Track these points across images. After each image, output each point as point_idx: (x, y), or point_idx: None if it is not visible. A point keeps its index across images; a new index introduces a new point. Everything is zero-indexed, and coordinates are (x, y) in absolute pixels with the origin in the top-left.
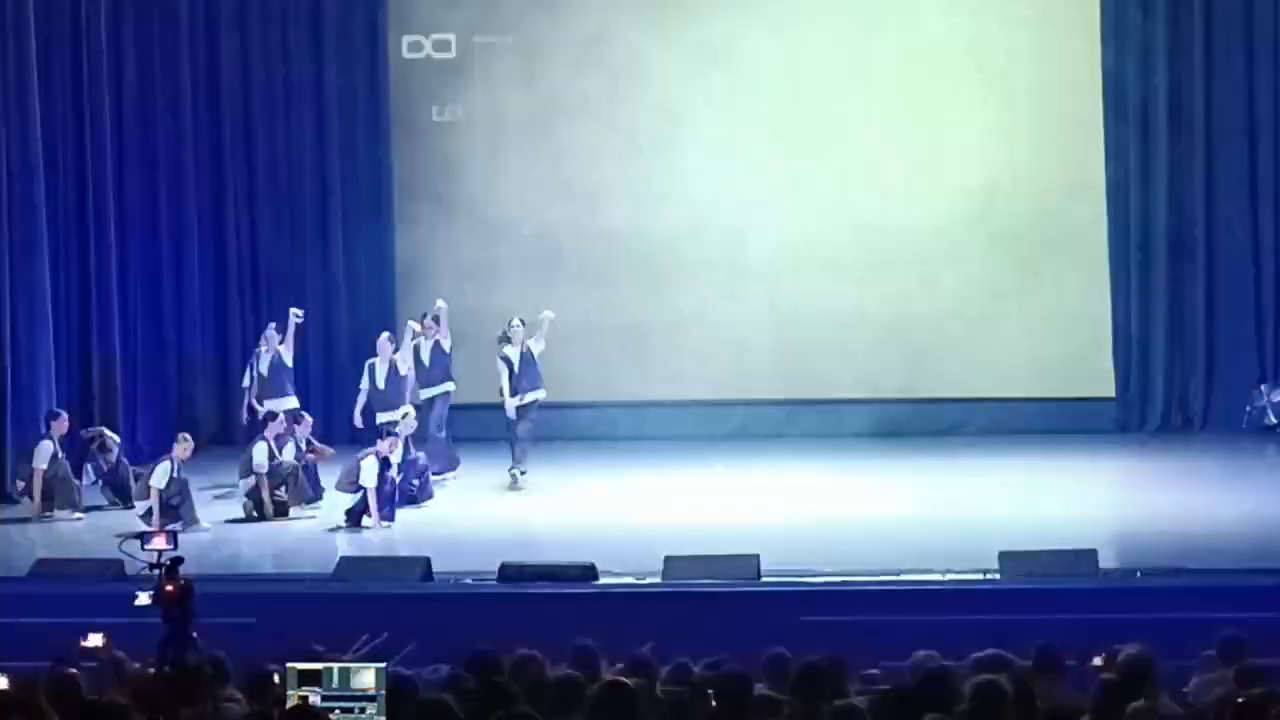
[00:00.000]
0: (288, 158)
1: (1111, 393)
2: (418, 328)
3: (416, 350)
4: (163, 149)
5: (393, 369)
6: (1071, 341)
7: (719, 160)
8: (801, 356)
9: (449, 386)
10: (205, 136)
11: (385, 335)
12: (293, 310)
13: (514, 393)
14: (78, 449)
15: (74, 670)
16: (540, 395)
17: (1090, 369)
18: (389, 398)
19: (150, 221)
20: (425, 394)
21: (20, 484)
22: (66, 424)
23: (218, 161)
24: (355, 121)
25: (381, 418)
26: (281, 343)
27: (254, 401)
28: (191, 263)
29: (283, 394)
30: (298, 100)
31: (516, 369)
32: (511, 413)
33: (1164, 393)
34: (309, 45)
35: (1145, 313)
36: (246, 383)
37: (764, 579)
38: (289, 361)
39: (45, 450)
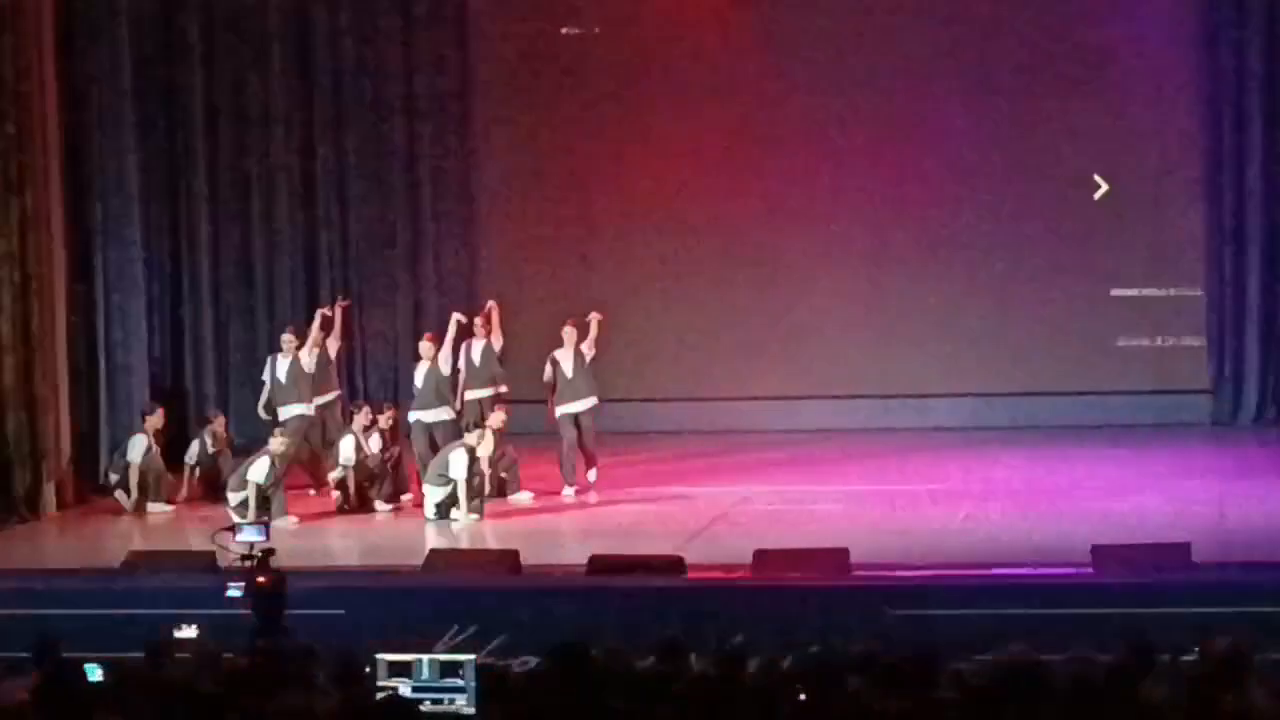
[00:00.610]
0: (377, 158)
1: (1205, 385)
2: (463, 319)
3: (468, 350)
4: (254, 151)
5: (432, 368)
6: (1165, 334)
7: (806, 154)
8: (891, 351)
9: (499, 389)
10: (296, 134)
11: (427, 335)
12: (337, 302)
13: (561, 401)
14: (187, 429)
15: (167, 661)
16: (590, 404)
17: (1184, 361)
18: (426, 397)
19: (243, 220)
20: (471, 396)
21: (114, 477)
22: (161, 418)
23: (309, 161)
24: (444, 121)
25: (413, 415)
26: (299, 347)
27: (261, 410)
28: (284, 262)
29: (298, 400)
30: (387, 100)
31: (569, 375)
32: (553, 418)
33: (1258, 385)
34: (398, 45)
35: (1239, 305)
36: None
37: (854, 573)
38: (309, 367)
39: (139, 444)
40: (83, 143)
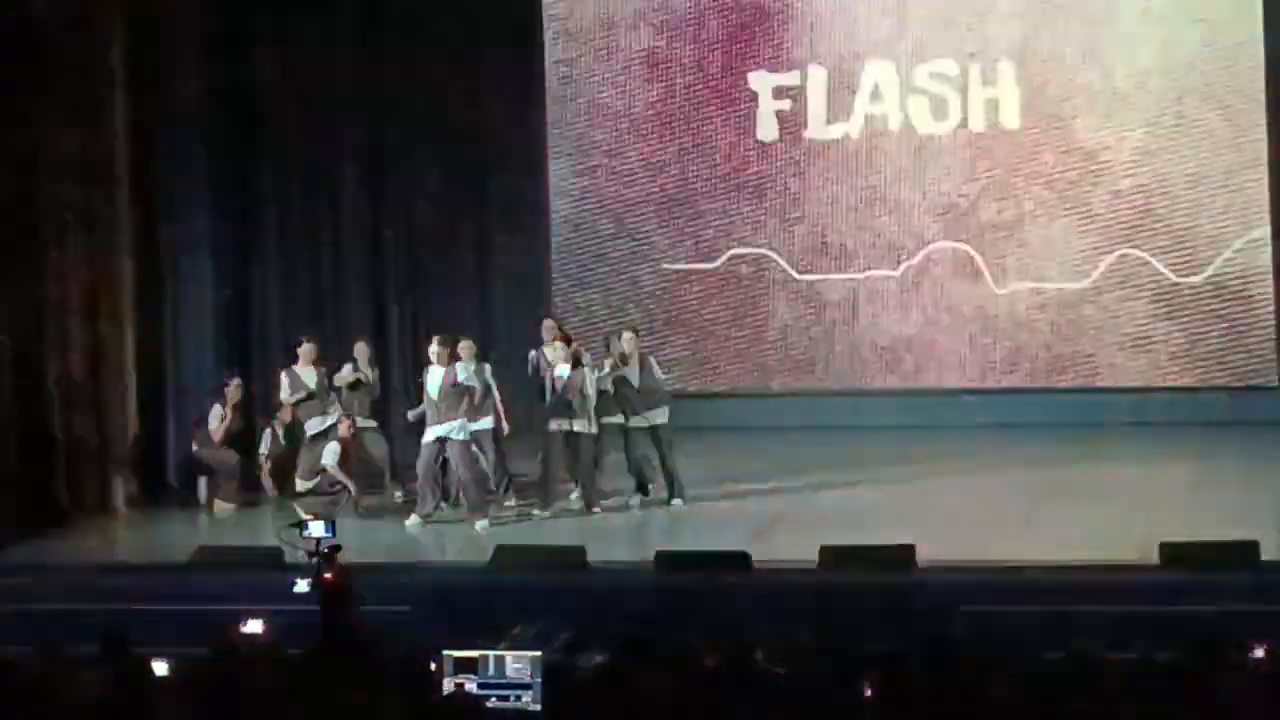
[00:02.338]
0: (444, 163)
1: (1274, 382)
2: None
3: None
4: (324, 157)
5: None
6: (1232, 331)
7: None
8: (959, 346)
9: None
10: (364, 137)
11: (439, 340)
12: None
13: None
14: (254, 430)
15: (233, 656)
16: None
17: (1251, 359)
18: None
19: (312, 232)
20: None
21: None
22: (239, 389)
23: (377, 162)
24: (510, 130)
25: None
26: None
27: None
28: (350, 272)
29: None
30: (455, 106)
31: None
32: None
33: None
34: (465, 51)
35: None
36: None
37: (920, 570)
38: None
39: (215, 414)
40: (153, 147)
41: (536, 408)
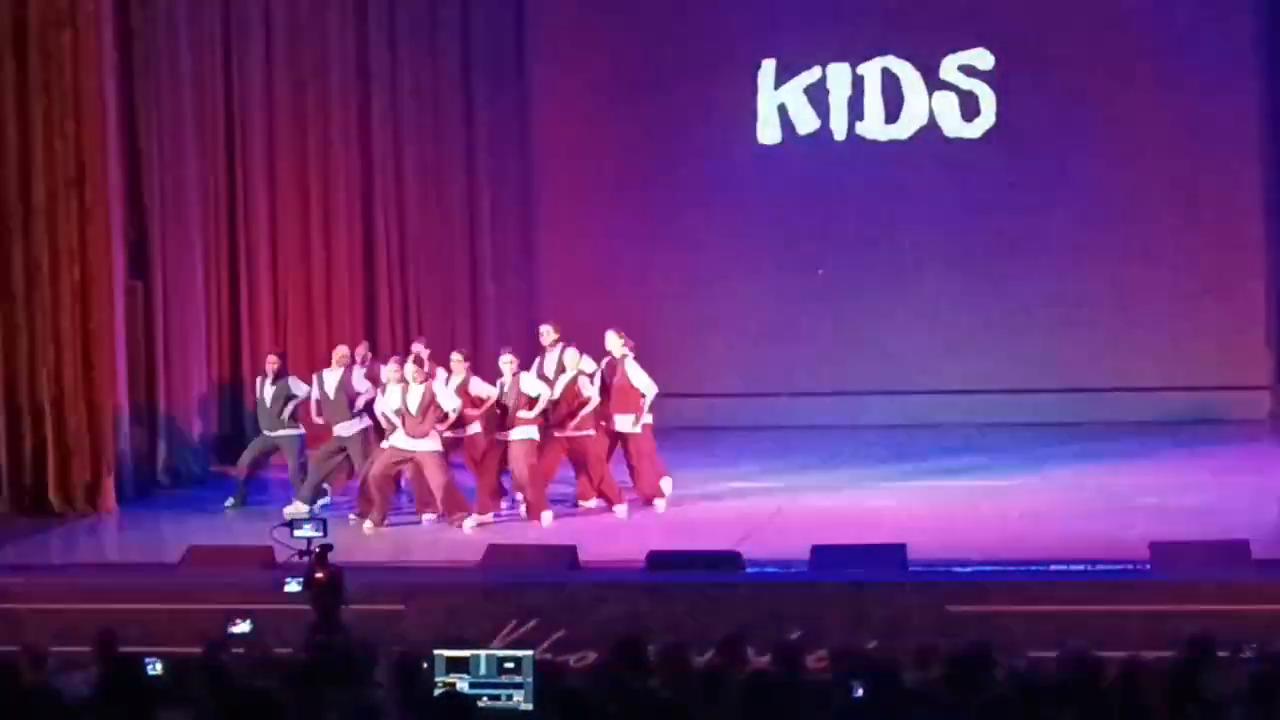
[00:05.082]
0: (437, 172)
1: (1264, 381)
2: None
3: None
4: (314, 152)
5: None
6: (1223, 330)
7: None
8: (947, 347)
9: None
10: (355, 139)
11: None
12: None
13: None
14: (244, 424)
15: (226, 656)
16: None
17: (1242, 358)
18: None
19: (302, 217)
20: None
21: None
22: (277, 362)
23: (367, 163)
24: (503, 132)
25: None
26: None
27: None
28: (341, 259)
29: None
30: (446, 112)
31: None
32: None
33: None
34: (457, 65)
35: None
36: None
37: (911, 569)
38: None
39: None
40: (142, 141)
41: None
